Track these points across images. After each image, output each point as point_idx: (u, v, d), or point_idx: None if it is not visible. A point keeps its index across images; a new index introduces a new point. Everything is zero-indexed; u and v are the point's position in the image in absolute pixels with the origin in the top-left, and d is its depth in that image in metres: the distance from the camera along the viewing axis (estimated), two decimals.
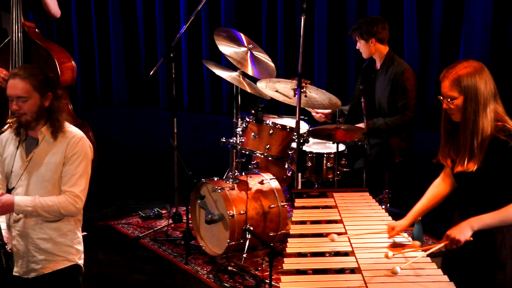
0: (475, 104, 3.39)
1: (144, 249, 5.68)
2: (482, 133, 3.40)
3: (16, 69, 3.86)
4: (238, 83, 5.60)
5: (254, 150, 5.67)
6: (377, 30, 5.72)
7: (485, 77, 3.42)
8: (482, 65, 3.46)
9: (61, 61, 5.66)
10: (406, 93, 5.66)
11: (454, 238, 3.36)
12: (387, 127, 5.69)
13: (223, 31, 5.89)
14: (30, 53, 5.65)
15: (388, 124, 5.68)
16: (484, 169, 3.42)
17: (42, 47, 5.64)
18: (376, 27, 5.72)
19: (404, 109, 5.67)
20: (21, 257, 3.89)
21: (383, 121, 5.70)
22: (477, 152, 3.41)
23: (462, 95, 3.40)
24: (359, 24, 5.80)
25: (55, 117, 3.86)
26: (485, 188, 3.47)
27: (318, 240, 3.72)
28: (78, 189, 3.84)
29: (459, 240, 3.36)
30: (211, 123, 8.79)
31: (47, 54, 5.63)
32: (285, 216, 5.54)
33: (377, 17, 5.95)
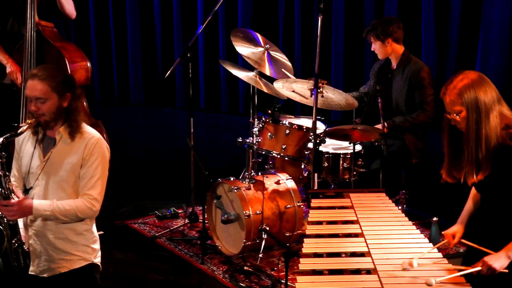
0: (477, 113, 3.38)
1: (160, 248, 5.69)
2: (486, 140, 3.37)
3: (35, 70, 3.86)
4: (255, 83, 5.60)
5: (270, 150, 5.67)
6: (393, 30, 5.71)
7: (484, 85, 3.41)
8: (480, 74, 3.45)
9: (73, 61, 5.68)
10: (424, 90, 5.66)
11: (491, 266, 3.31)
12: (410, 124, 5.67)
13: (240, 31, 5.89)
14: (43, 52, 5.68)
15: (410, 121, 5.66)
16: (494, 177, 3.40)
17: (54, 47, 5.66)
18: (391, 27, 5.71)
19: (423, 104, 5.67)
20: (37, 256, 3.91)
21: (404, 118, 5.68)
22: (482, 162, 3.38)
23: (464, 107, 3.39)
24: (374, 25, 5.78)
25: (73, 117, 3.87)
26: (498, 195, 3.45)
27: (334, 240, 3.71)
28: (95, 192, 3.85)
29: (495, 269, 3.31)
30: (228, 123, 8.79)
31: (58, 54, 5.65)
32: (301, 216, 5.53)
33: (391, 17, 5.94)
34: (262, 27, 8.10)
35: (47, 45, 5.68)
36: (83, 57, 5.80)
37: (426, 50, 7.15)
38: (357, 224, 3.86)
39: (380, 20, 5.86)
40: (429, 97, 5.68)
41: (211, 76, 8.93)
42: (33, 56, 5.56)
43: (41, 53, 5.63)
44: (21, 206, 3.73)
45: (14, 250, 3.79)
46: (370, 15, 7.47)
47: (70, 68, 5.61)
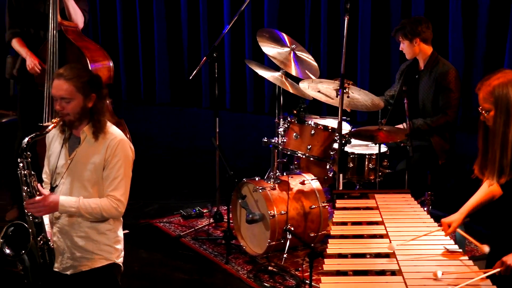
0: (506, 115, 3.30)
1: (185, 248, 5.71)
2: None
3: (61, 69, 3.88)
4: (281, 83, 5.60)
5: (295, 150, 5.67)
6: (422, 30, 5.68)
7: None
8: None
9: (95, 60, 5.71)
10: (448, 93, 5.62)
11: (510, 265, 3.27)
12: (428, 127, 5.64)
13: (266, 32, 5.89)
14: (66, 51, 5.73)
15: (428, 124, 5.64)
16: None
17: (75, 46, 5.70)
18: (420, 27, 5.68)
19: (445, 108, 5.63)
20: (60, 253, 3.94)
21: (423, 121, 5.66)
22: (506, 168, 3.31)
23: (493, 106, 3.33)
24: (403, 24, 5.75)
25: (97, 118, 3.88)
26: None
27: (359, 241, 3.71)
28: (119, 193, 3.87)
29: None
30: (253, 123, 8.80)
31: (80, 53, 5.69)
32: (326, 217, 5.52)
33: (420, 17, 5.91)
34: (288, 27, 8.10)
35: (69, 45, 5.72)
36: (106, 56, 5.83)
37: (453, 50, 7.10)
38: (382, 225, 3.85)
39: (409, 19, 5.83)
40: (453, 101, 5.63)
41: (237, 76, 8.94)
42: (56, 56, 5.61)
43: (63, 52, 5.67)
44: (46, 202, 3.76)
45: (40, 248, 3.82)
46: (396, 16, 7.44)
47: (92, 68, 5.64)
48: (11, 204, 6.17)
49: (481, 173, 3.54)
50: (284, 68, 5.64)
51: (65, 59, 5.65)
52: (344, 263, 3.46)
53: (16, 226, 3.76)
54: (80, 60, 5.67)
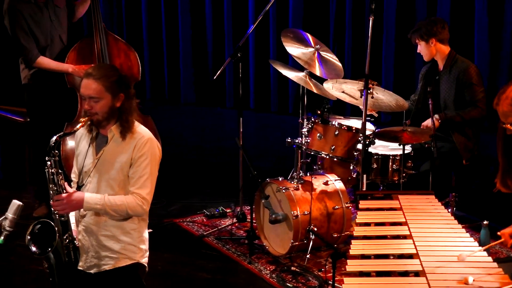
0: None
1: (208, 247, 5.72)
2: None
3: (90, 69, 3.91)
4: (305, 83, 5.60)
5: (319, 150, 5.67)
6: (437, 30, 5.68)
7: None
8: None
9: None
10: (473, 87, 5.63)
11: None
12: (461, 119, 5.62)
13: (290, 31, 5.90)
14: (110, 47, 5.79)
15: (461, 116, 5.62)
16: None
17: (121, 41, 5.78)
18: (435, 27, 5.68)
19: (474, 102, 5.63)
20: (85, 252, 3.96)
21: (455, 112, 5.65)
22: None
23: None
24: (418, 26, 5.78)
25: (125, 117, 3.91)
26: None
27: (382, 242, 3.70)
28: (145, 191, 3.88)
29: None
30: (277, 123, 8.80)
31: (127, 48, 5.76)
32: (349, 218, 5.52)
33: (436, 18, 5.92)
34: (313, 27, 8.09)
35: (113, 40, 5.78)
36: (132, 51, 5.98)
37: (479, 51, 7.07)
38: (405, 226, 3.84)
39: (424, 21, 5.85)
40: (479, 94, 5.64)
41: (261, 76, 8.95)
42: (106, 54, 5.67)
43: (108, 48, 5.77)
44: (71, 199, 3.79)
45: (65, 246, 3.85)
46: (422, 16, 7.41)
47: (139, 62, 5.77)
48: (38, 202, 6.23)
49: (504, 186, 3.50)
50: (308, 68, 5.65)
51: (110, 54, 5.73)
52: (367, 264, 3.46)
53: (42, 224, 3.79)
54: (128, 55, 5.74)
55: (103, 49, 5.74)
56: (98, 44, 5.74)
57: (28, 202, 6.22)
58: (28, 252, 3.79)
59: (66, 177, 4.00)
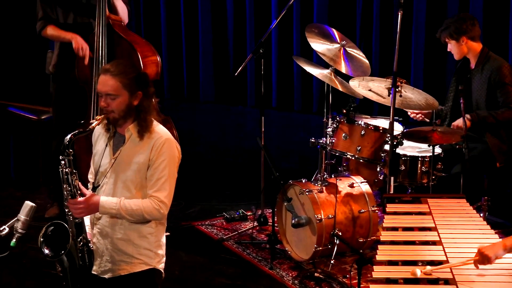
0: None
1: (227, 251, 5.73)
2: None
3: (108, 65, 3.92)
4: (330, 81, 5.60)
5: (344, 151, 5.66)
6: (467, 28, 5.66)
7: None
8: None
9: (144, 55, 5.77)
10: (506, 88, 5.60)
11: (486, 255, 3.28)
12: (494, 120, 5.59)
13: (315, 27, 5.90)
14: (114, 46, 5.78)
15: (494, 116, 5.59)
16: None
17: (125, 40, 5.76)
18: (465, 25, 5.66)
19: (508, 103, 5.59)
20: (99, 256, 3.97)
21: (488, 112, 5.61)
22: None
23: None
24: (447, 24, 5.75)
25: (143, 116, 3.91)
26: None
27: (410, 248, 3.69)
28: (163, 194, 3.88)
29: (490, 258, 3.27)
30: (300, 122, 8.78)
31: (130, 47, 5.75)
32: (375, 222, 5.50)
33: (465, 14, 5.89)
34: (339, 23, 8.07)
35: (118, 39, 5.78)
36: (153, 51, 5.89)
37: None
38: (435, 232, 3.83)
39: (453, 18, 5.83)
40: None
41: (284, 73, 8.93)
42: (104, 50, 5.67)
43: (111, 47, 5.73)
44: (88, 203, 3.80)
45: (79, 249, 3.86)
46: (453, 10, 7.36)
47: (143, 63, 5.70)
48: (51, 202, 6.27)
49: None
50: (333, 65, 5.64)
51: (113, 54, 5.71)
52: (394, 270, 3.45)
53: (56, 226, 3.80)
54: (131, 55, 5.72)
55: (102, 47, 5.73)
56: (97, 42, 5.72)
57: (41, 203, 6.27)
58: (41, 255, 3.81)
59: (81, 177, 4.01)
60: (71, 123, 5.62)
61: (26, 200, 3.90)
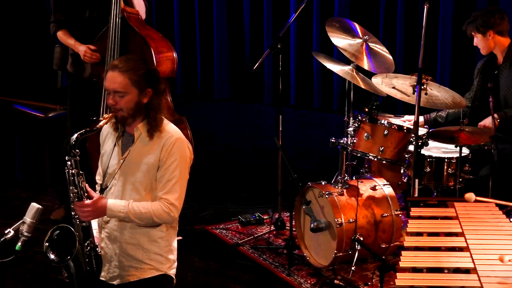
0: None
1: (243, 257, 5.73)
2: None
3: (116, 61, 3.92)
4: (351, 78, 5.59)
5: (366, 152, 5.65)
6: (495, 21, 5.64)
7: None
8: None
9: (159, 51, 5.77)
10: None
11: None
12: None
13: (336, 21, 5.89)
14: (128, 40, 5.80)
15: None
16: None
17: (139, 35, 5.77)
18: (493, 18, 5.64)
19: None
20: (108, 261, 3.98)
21: None
22: None
23: None
24: (474, 17, 5.74)
25: (152, 115, 3.91)
26: None
27: (435, 254, 3.67)
28: (173, 196, 3.88)
29: None
30: (320, 121, 8.79)
31: (144, 42, 5.75)
32: (399, 227, 5.49)
33: (494, 7, 5.87)
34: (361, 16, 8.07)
35: (132, 33, 5.79)
36: (170, 47, 5.89)
37: None
38: (462, 237, 3.81)
39: (481, 11, 5.81)
40: None
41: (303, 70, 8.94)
42: (117, 44, 5.68)
43: (125, 41, 5.75)
44: (96, 206, 3.81)
45: (87, 254, 3.86)
46: (483, 3, 7.34)
47: (156, 59, 5.71)
48: (58, 203, 6.29)
49: None
50: (355, 62, 5.63)
51: (126, 48, 5.73)
52: (418, 278, 3.43)
53: (62, 230, 3.81)
54: (144, 50, 5.73)
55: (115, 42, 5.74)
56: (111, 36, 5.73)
57: (48, 205, 6.29)
58: (47, 259, 3.81)
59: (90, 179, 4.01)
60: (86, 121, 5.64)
61: (32, 201, 3.92)
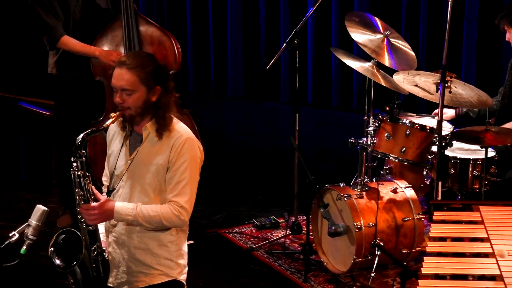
0: None
1: (257, 262, 5.73)
2: None
3: (124, 57, 3.93)
4: (372, 75, 5.58)
5: (387, 153, 5.64)
6: None
7: None
8: None
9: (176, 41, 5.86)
10: None
11: None
12: None
13: (356, 15, 5.89)
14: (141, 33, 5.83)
15: None
16: None
17: (154, 26, 5.81)
18: None
19: None
20: (115, 267, 3.98)
21: None
22: None
23: None
24: (508, 10, 5.73)
25: (161, 113, 3.91)
26: None
27: (459, 260, 3.66)
28: (183, 199, 3.89)
29: None
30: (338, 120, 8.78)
31: (162, 34, 5.79)
32: (421, 231, 5.48)
33: None
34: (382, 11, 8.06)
35: (146, 25, 5.82)
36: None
37: None
38: (487, 243, 3.80)
39: None
40: None
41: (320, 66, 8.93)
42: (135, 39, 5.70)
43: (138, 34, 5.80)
44: (103, 209, 3.81)
45: (93, 259, 3.87)
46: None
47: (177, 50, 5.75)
48: (62, 208, 6.30)
49: None
50: (376, 58, 5.63)
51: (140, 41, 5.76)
52: (441, 285, 3.43)
53: (67, 234, 3.82)
54: (162, 43, 5.75)
55: (132, 35, 5.77)
56: (127, 29, 5.76)
57: (54, 207, 6.31)
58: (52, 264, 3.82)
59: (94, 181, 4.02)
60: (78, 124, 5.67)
61: (38, 203, 3.93)
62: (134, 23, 5.78)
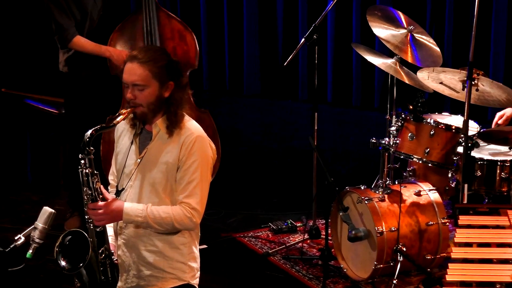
0: None
1: (273, 268, 5.74)
2: None
3: (135, 51, 3.93)
4: (394, 72, 5.58)
5: (410, 154, 5.63)
6: None
7: None
8: None
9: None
10: None
11: None
12: None
13: (378, 9, 5.89)
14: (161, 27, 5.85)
15: None
16: None
17: (175, 19, 5.83)
18: None
19: None
20: (125, 270, 3.99)
21: None
22: None
23: None
24: None
25: (173, 110, 3.91)
26: None
27: (486, 267, 3.66)
28: (195, 200, 3.88)
29: None
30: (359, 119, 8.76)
31: (183, 28, 5.81)
32: (446, 236, 5.47)
33: None
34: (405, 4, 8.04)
35: (166, 19, 5.84)
36: None
37: None
38: None
39: None
40: None
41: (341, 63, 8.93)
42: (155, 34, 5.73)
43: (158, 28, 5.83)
44: (109, 209, 3.81)
45: (101, 262, 3.88)
46: None
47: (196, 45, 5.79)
48: (70, 211, 6.32)
49: None
50: (399, 54, 5.62)
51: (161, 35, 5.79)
52: None
53: (74, 235, 3.83)
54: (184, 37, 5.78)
55: (152, 29, 5.80)
56: (147, 22, 5.78)
57: (61, 209, 6.33)
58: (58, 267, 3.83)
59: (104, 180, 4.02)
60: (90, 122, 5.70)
61: (45, 205, 3.94)
62: (155, 16, 5.80)
